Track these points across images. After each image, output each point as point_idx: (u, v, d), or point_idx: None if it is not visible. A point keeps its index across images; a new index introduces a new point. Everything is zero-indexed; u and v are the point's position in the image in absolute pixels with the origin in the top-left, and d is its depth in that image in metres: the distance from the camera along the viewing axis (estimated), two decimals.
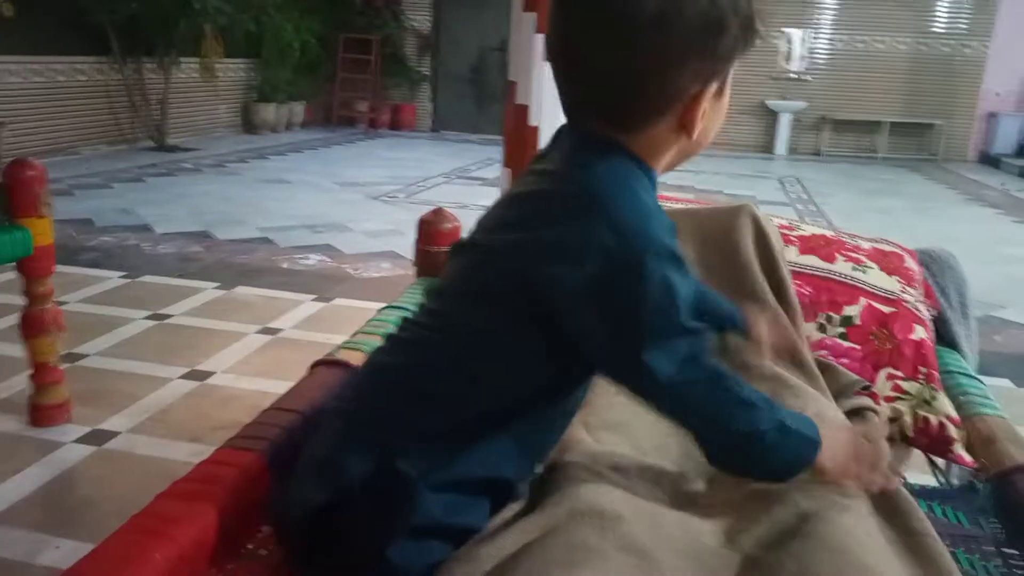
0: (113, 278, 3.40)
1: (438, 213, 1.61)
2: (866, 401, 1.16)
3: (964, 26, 9.43)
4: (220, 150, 7.43)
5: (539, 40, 2.59)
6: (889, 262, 1.41)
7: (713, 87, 0.75)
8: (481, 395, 0.78)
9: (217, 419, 2.15)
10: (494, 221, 0.81)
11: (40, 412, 2.07)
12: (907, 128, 9.60)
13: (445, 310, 0.82)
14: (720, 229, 1.24)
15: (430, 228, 1.59)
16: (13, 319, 2.13)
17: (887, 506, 0.86)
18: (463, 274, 0.82)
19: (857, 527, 0.79)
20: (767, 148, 9.84)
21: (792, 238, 1.42)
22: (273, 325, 2.91)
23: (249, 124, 8.88)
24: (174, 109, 7.34)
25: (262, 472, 0.93)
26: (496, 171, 2.61)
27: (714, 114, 0.78)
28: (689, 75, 0.72)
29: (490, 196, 0.99)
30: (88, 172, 5.91)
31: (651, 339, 0.71)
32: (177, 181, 5.88)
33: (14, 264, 1.97)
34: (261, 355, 2.63)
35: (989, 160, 9.20)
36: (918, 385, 1.24)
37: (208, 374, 2.45)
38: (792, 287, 1.22)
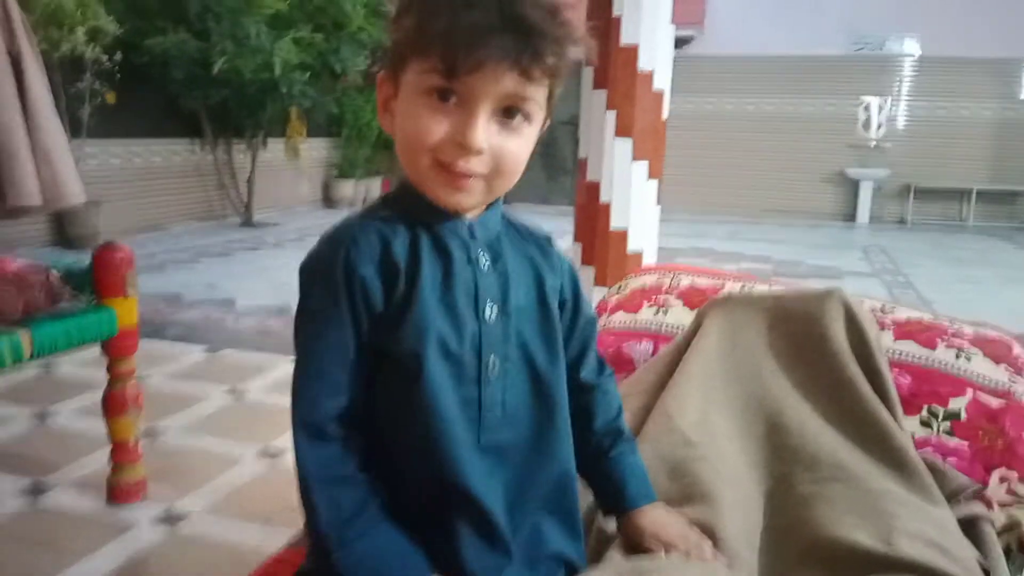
0: (196, 352, 3.49)
1: None
2: (980, 509, 1.05)
3: None
4: (301, 224, 7.67)
5: (610, 117, 2.59)
6: (995, 349, 1.30)
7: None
8: None
9: (289, 499, 2.12)
10: None
11: (117, 490, 2.10)
12: (996, 196, 9.23)
13: None
14: (808, 315, 1.16)
15: None
16: (97, 395, 2.18)
17: None
18: None
19: None
20: (849, 216, 9.59)
21: (886, 322, 1.33)
22: None
23: (329, 199, 9.26)
24: (260, 187, 7.64)
25: None
26: (566, 243, 2.57)
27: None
28: None
29: None
30: (179, 248, 6.18)
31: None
32: (260, 255, 6.07)
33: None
34: None
35: None
36: None
37: (281, 451, 2.45)
38: (890, 378, 1.13)
